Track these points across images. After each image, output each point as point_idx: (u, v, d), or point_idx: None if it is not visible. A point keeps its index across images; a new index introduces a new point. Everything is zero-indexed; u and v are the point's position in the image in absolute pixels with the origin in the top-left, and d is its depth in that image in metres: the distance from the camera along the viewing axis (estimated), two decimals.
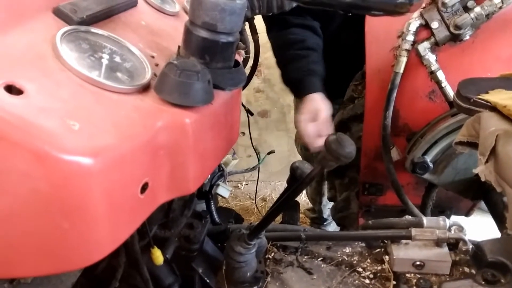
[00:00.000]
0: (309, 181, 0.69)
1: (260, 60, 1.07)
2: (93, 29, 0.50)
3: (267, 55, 2.14)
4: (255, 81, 2.29)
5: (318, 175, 0.72)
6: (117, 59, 0.50)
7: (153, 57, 0.59)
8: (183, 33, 0.58)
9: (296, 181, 0.75)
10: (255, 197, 1.61)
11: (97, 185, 0.39)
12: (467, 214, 1.27)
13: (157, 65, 0.57)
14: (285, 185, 0.76)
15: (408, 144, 1.12)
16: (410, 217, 0.86)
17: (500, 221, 0.95)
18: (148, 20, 0.65)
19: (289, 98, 2.27)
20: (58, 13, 0.49)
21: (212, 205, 0.97)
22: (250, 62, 1.04)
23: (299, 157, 1.81)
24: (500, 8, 0.91)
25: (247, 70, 1.09)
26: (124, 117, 0.45)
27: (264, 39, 1.29)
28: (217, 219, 0.97)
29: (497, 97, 0.69)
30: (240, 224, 1.03)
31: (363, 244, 0.87)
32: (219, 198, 1.15)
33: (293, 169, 0.76)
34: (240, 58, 0.78)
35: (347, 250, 0.85)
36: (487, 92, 0.73)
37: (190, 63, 0.51)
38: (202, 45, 0.56)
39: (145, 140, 0.45)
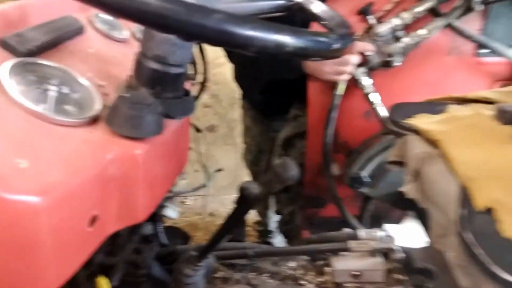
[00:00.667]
0: (257, 202, 0.73)
1: (207, 75, 1.11)
2: (40, 60, 0.50)
3: (215, 71, 2.17)
4: (203, 97, 2.31)
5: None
6: (65, 90, 0.50)
7: (102, 86, 0.59)
8: (134, 64, 0.59)
9: (244, 201, 0.78)
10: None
11: (45, 223, 0.38)
12: (398, 222, 1.38)
13: (106, 95, 0.58)
14: (232, 199, 0.78)
15: (346, 160, 1.20)
16: (348, 230, 0.93)
17: (427, 230, 1.05)
18: (96, 47, 0.65)
19: (237, 113, 2.31)
20: (4, 45, 0.48)
21: (160, 227, 0.97)
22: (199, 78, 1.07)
23: (247, 172, 1.85)
24: (425, 38, 1.02)
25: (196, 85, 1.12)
26: (73, 151, 0.45)
27: (212, 55, 1.32)
28: (164, 240, 0.97)
29: (422, 121, 0.78)
30: (188, 245, 1.03)
31: (307, 258, 0.92)
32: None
33: (242, 190, 0.80)
34: (189, 86, 0.80)
35: (292, 264, 0.89)
36: (413, 117, 0.82)
37: (141, 96, 0.53)
38: (153, 77, 0.58)
39: (95, 174, 0.46)
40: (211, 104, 2.41)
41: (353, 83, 1.12)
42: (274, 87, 1.37)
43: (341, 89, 1.11)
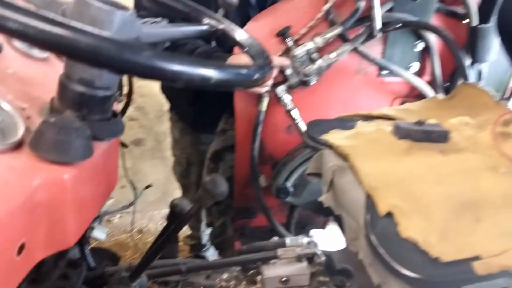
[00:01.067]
0: (189, 219, 0.76)
1: (133, 88, 1.10)
2: None
3: (140, 83, 2.14)
4: (128, 109, 2.25)
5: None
6: None
7: (24, 109, 0.58)
8: (58, 86, 0.59)
9: (176, 218, 0.80)
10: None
11: None
12: (323, 226, 1.49)
13: (29, 117, 0.57)
14: (162, 214, 0.80)
15: (273, 172, 1.28)
16: (276, 238, 0.99)
17: (343, 234, 1.16)
18: (15, 67, 0.63)
19: (164, 125, 2.29)
20: None
21: (87, 250, 0.94)
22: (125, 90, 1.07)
23: (176, 185, 1.85)
24: (336, 60, 1.14)
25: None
26: None
27: None
28: (92, 263, 0.94)
29: (334, 137, 0.87)
30: (119, 266, 1.02)
31: (239, 268, 0.96)
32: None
33: (173, 207, 0.82)
34: (117, 106, 0.80)
35: (225, 276, 0.93)
36: (327, 132, 0.91)
37: (67, 120, 0.53)
38: (79, 100, 0.58)
39: (22, 201, 0.45)
40: (136, 117, 2.36)
41: (276, 100, 1.20)
42: (203, 99, 1.40)
43: (264, 105, 1.19)
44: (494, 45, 1.01)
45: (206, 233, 1.78)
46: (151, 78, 0.45)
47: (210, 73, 0.47)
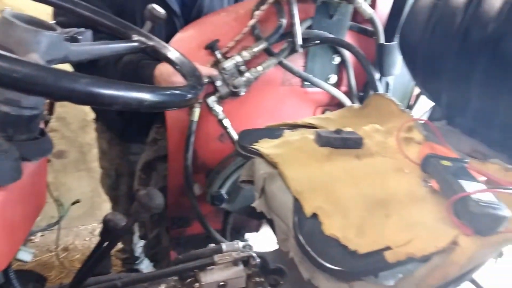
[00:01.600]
0: (124, 234, 0.76)
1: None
2: None
3: None
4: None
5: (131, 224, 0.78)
6: None
7: None
8: None
9: (109, 234, 0.79)
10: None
11: None
12: (257, 230, 1.56)
13: None
14: (90, 229, 0.79)
15: (207, 180, 1.31)
16: (213, 245, 1.03)
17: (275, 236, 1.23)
18: None
19: (89, 136, 2.19)
20: None
21: (11, 273, 0.89)
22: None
23: (104, 198, 1.79)
24: (263, 72, 1.20)
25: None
26: None
27: None
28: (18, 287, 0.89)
29: (264, 146, 0.94)
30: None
31: (176, 278, 0.98)
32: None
33: (106, 222, 0.81)
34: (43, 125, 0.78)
35: (162, 287, 0.94)
36: (257, 141, 0.97)
37: None
38: (5, 120, 0.56)
39: None
40: (57, 128, 2.22)
41: (207, 110, 1.23)
42: (132, 112, 1.38)
43: (196, 115, 1.21)
44: (398, 60, 1.15)
45: (139, 245, 1.75)
46: (89, 104, 0.46)
47: (146, 96, 0.50)
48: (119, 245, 1.90)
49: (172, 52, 0.75)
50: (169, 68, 0.95)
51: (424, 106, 1.30)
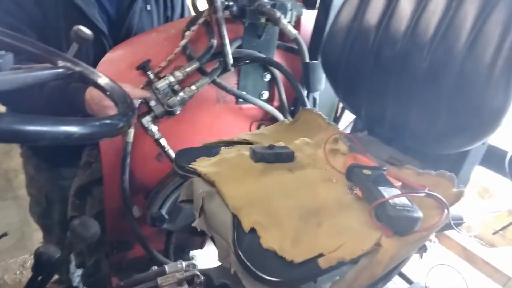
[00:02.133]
0: (59, 267, 0.73)
1: None
2: None
3: None
4: None
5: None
6: None
7: None
8: None
9: (43, 267, 0.76)
10: None
11: None
12: (201, 246, 1.56)
13: None
14: (20, 262, 0.75)
15: (146, 201, 1.29)
16: (155, 267, 1.02)
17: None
18: None
19: (14, 161, 2.04)
20: None
21: None
22: None
23: (34, 227, 1.68)
24: (197, 91, 1.23)
25: None
26: None
27: None
28: None
29: (201, 164, 0.95)
30: None
31: None
32: None
33: (38, 256, 0.77)
34: None
35: None
36: (195, 160, 0.99)
37: None
38: None
39: None
40: None
41: (142, 130, 1.22)
42: None
43: (130, 136, 1.20)
44: (322, 77, 1.24)
45: (76, 274, 1.66)
46: (13, 142, 0.45)
47: (74, 129, 0.49)
48: (55, 276, 1.78)
49: (101, 78, 0.74)
50: (100, 92, 0.94)
51: (348, 117, 1.41)
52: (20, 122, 0.42)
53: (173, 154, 1.27)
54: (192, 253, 1.59)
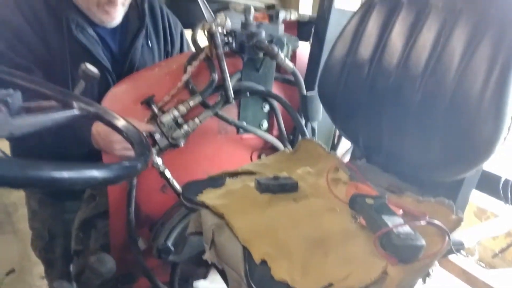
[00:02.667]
0: None
1: None
2: None
3: None
4: None
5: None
6: None
7: None
8: None
9: None
10: None
11: None
12: (205, 276, 1.56)
13: None
14: None
15: (151, 233, 1.31)
16: None
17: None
18: None
19: (14, 195, 2.05)
20: None
21: None
22: None
23: (36, 260, 1.67)
24: (200, 123, 1.27)
25: None
26: None
27: None
28: None
29: (208, 196, 0.98)
30: None
31: None
32: None
33: None
34: None
35: None
36: (202, 192, 1.02)
37: None
38: None
39: None
40: None
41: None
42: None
43: None
44: (320, 107, 1.30)
45: None
46: (50, 189, 0.48)
47: (96, 173, 0.53)
48: None
49: (116, 119, 0.78)
50: (106, 127, 0.98)
51: (345, 144, 1.46)
52: (58, 169, 0.46)
53: (177, 185, 1.29)
54: (196, 283, 1.59)
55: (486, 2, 0.83)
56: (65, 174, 0.48)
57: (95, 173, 0.53)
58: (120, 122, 0.77)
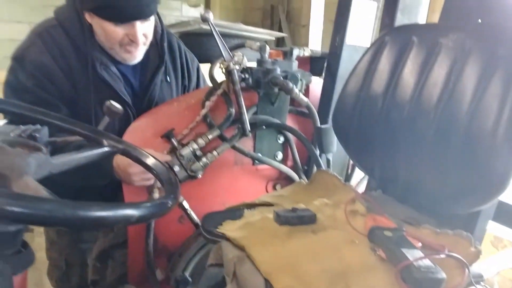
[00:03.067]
0: None
1: None
2: None
3: None
4: None
5: None
6: None
7: None
8: None
9: None
10: None
11: None
12: None
13: None
14: None
15: (169, 264, 1.33)
16: None
17: None
18: None
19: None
20: None
21: None
22: None
23: None
24: (218, 156, 1.31)
25: None
26: None
27: None
28: None
29: (228, 228, 1.01)
30: None
31: None
32: None
33: None
34: None
35: None
36: (221, 224, 1.04)
37: None
38: None
39: None
40: None
41: None
42: (82, 197, 1.37)
43: None
44: (334, 139, 1.33)
45: None
46: (95, 230, 0.51)
47: (131, 212, 0.57)
48: None
49: (144, 155, 0.82)
50: (124, 159, 1.02)
51: (359, 174, 1.49)
52: (82, 208, 0.49)
53: (194, 216, 1.32)
54: None
55: (495, 42, 0.88)
56: (111, 213, 0.52)
57: (133, 211, 0.56)
58: (150, 160, 0.81)
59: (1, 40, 3.79)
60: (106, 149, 0.84)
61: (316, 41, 2.73)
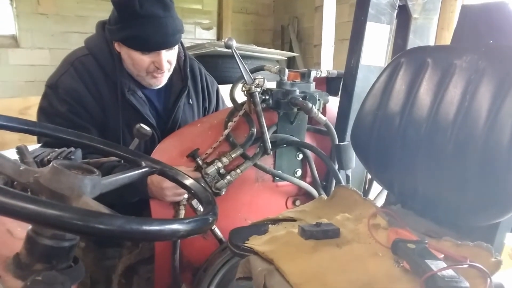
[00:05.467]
0: None
1: None
2: None
3: None
4: None
5: None
6: None
7: None
8: (26, 242, 0.64)
9: None
10: None
11: None
12: None
13: None
14: None
15: (194, 279, 1.37)
16: None
17: None
18: None
19: None
20: None
21: None
22: None
23: None
24: (241, 173, 1.36)
25: None
26: None
27: None
28: None
29: (255, 243, 1.05)
30: None
31: None
32: None
33: None
34: None
35: None
36: (248, 239, 1.09)
37: (52, 275, 0.59)
38: (50, 253, 0.64)
39: None
40: None
41: (191, 210, 1.34)
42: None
43: (181, 216, 1.31)
44: (353, 156, 1.38)
45: None
46: (129, 240, 0.57)
47: (178, 227, 0.62)
48: None
49: (182, 176, 0.88)
50: (157, 176, 1.08)
51: (377, 188, 1.53)
52: (134, 223, 0.55)
53: (218, 232, 1.37)
54: None
55: (507, 62, 0.93)
56: (165, 227, 0.58)
57: (180, 226, 0.62)
58: (188, 181, 0.86)
59: (22, 65, 3.95)
60: (145, 169, 0.90)
61: (327, 60, 2.80)
